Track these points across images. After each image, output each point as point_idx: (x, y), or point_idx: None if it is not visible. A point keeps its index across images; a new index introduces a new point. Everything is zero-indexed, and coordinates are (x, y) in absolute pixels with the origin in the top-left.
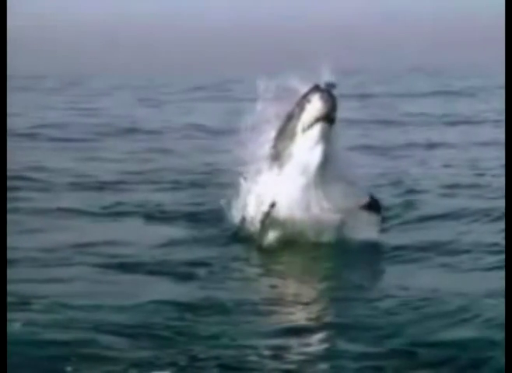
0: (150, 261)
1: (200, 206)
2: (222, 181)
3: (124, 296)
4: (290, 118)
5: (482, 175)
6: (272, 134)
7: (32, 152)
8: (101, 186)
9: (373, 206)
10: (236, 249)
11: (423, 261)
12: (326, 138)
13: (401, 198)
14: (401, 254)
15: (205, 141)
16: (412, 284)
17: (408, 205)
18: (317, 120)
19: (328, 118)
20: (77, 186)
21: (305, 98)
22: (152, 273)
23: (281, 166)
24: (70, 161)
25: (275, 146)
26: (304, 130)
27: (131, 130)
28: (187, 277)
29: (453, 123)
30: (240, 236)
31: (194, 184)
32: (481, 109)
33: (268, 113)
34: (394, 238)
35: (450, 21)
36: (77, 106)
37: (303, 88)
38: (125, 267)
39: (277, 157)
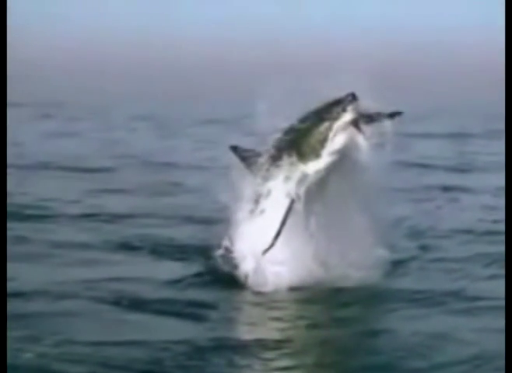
0: (159, 299)
1: (209, 243)
2: (232, 218)
3: (133, 333)
4: (319, 122)
5: (498, 221)
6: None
7: (45, 182)
8: (112, 220)
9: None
10: (244, 290)
11: (438, 306)
12: (353, 144)
13: (417, 241)
14: (416, 298)
15: (218, 175)
16: (425, 329)
17: (425, 249)
18: (350, 126)
19: (360, 125)
20: (88, 219)
21: (340, 105)
22: (160, 312)
23: (306, 164)
24: (83, 192)
25: (297, 148)
26: (335, 135)
27: (146, 163)
28: (195, 318)
29: (469, 167)
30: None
31: (205, 221)
32: (497, 152)
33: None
34: (408, 283)
35: (476, 61)
36: (93, 136)
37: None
38: (134, 305)
39: (301, 158)
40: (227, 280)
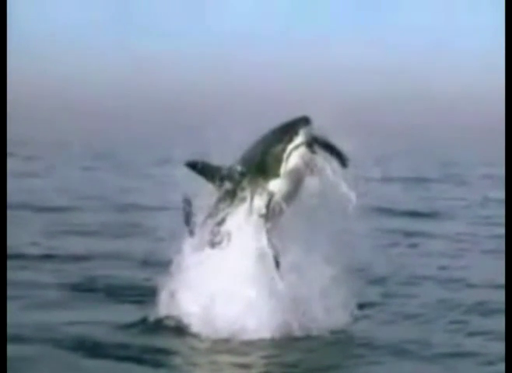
0: (118, 344)
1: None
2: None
3: None
4: (275, 144)
5: (459, 268)
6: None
7: None
8: (70, 261)
9: None
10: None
11: (400, 353)
12: (308, 162)
13: (380, 288)
14: (379, 346)
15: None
16: None
17: (387, 295)
18: (303, 148)
19: (312, 146)
20: (47, 260)
21: (293, 129)
22: (119, 357)
23: (268, 182)
24: (42, 232)
25: (259, 169)
26: (289, 156)
27: (105, 204)
28: (154, 363)
29: (428, 212)
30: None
31: (164, 263)
32: (456, 197)
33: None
34: (371, 330)
35: (446, 105)
36: (52, 176)
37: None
38: (92, 349)
39: (264, 177)
40: (185, 324)
